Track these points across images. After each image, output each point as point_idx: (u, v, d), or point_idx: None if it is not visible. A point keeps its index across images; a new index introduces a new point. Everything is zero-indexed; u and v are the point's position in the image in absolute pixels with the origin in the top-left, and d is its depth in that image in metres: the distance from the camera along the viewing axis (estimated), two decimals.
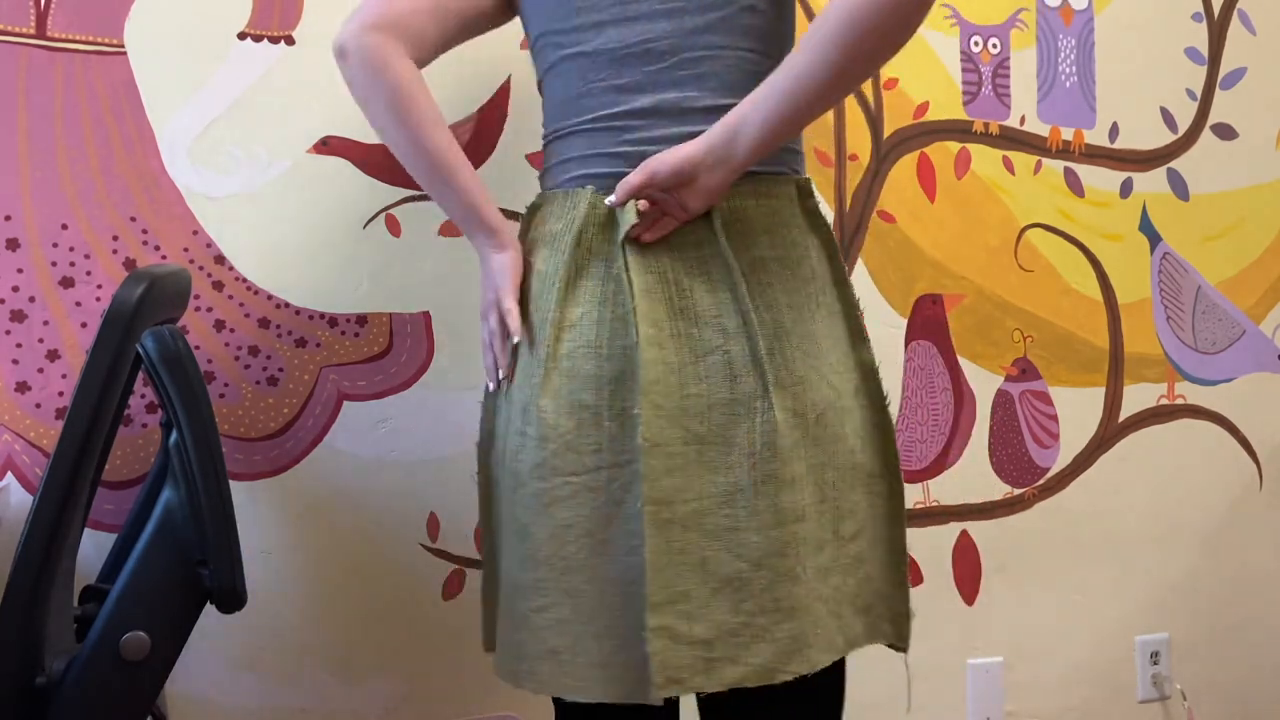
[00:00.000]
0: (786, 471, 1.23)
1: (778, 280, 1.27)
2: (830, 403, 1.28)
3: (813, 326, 1.28)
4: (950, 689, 2.09)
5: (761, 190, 1.28)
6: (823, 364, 1.28)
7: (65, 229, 1.57)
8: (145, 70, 1.61)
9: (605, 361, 1.24)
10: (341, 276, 1.70)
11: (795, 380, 1.25)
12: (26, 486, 1.55)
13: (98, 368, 1.15)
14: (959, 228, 2.08)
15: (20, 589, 1.12)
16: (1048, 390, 2.16)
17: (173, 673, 1.21)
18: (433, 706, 1.73)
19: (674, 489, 1.22)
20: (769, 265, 1.27)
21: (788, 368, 1.25)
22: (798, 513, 1.23)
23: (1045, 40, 2.15)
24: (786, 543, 1.22)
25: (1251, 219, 2.33)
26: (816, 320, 1.29)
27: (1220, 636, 2.30)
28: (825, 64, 1.18)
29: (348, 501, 1.70)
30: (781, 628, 1.22)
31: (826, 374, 1.28)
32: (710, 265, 1.26)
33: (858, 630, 1.32)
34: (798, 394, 1.25)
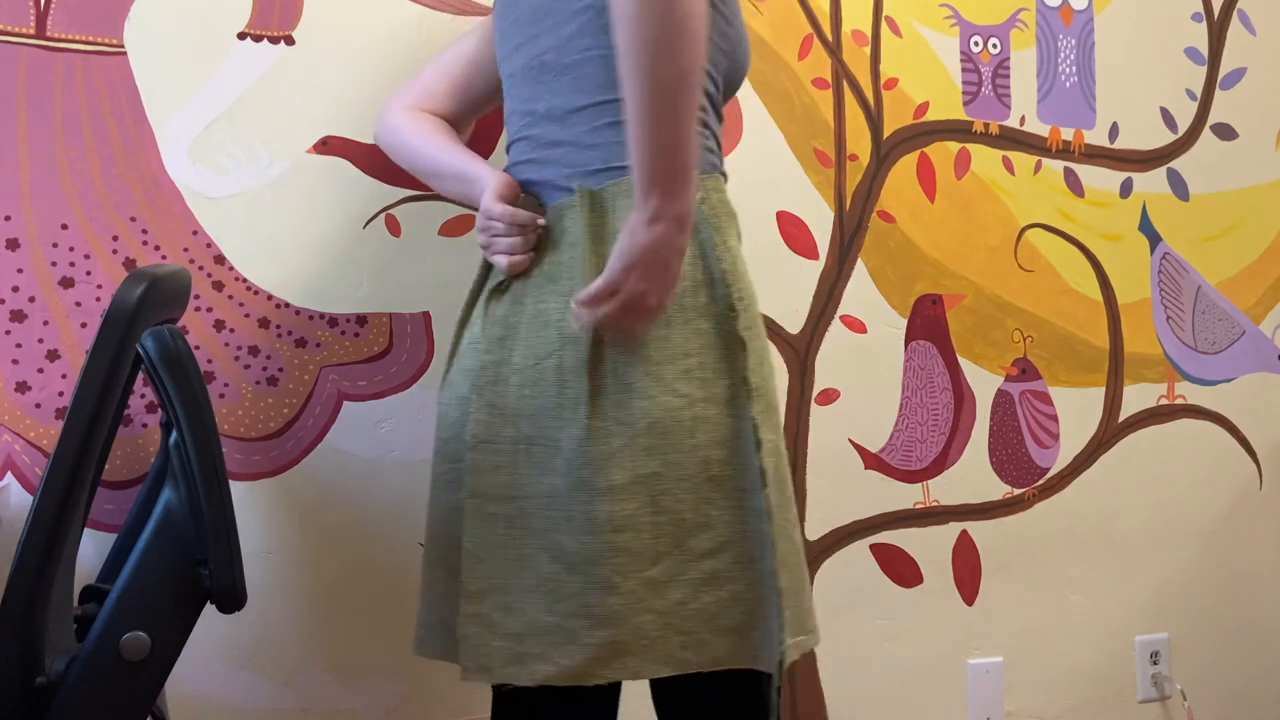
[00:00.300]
0: (602, 479, 1.23)
1: None
2: (671, 411, 1.25)
3: (664, 331, 1.26)
4: (950, 689, 2.09)
5: (623, 191, 1.29)
6: (668, 370, 1.25)
7: (65, 229, 1.57)
8: (145, 70, 1.61)
9: (484, 355, 1.32)
10: (341, 276, 1.70)
11: (622, 387, 1.25)
12: (26, 486, 1.55)
13: (97, 368, 1.15)
14: (959, 228, 2.08)
15: (20, 589, 1.11)
16: (1048, 390, 2.16)
17: (173, 673, 1.21)
18: (433, 706, 1.73)
19: (499, 485, 1.29)
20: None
21: (616, 374, 1.25)
22: (616, 522, 1.23)
23: (1045, 40, 2.16)
24: (601, 551, 1.23)
25: (1251, 219, 2.33)
26: (672, 325, 1.26)
27: (1220, 636, 2.30)
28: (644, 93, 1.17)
29: (348, 501, 1.70)
30: (594, 634, 1.23)
31: (672, 381, 1.25)
32: (568, 269, 1.30)
33: (719, 650, 1.27)
34: (622, 401, 1.24)
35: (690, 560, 1.25)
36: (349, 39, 1.70)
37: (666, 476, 1.24)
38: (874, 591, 2.03)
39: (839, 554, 2.00)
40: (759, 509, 1.25)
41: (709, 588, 1.25)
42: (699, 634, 1.25)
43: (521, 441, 1.28)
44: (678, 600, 1.24)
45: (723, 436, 1.26)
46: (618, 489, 1.23)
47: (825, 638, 1.97)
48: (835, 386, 2.00)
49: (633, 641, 1.23)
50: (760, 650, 1.27)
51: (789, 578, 1.27)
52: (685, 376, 1.25)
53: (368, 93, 1.71)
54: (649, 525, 1.24)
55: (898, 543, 2.04)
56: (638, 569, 1.23)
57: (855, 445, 2.02)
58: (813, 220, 1.99)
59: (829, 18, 1.99)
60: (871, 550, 2.03)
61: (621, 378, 1.25)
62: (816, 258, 1.99)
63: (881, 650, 2.04)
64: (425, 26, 1.74)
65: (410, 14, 1.73)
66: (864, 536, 2.02)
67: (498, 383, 1.30)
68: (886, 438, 2.04)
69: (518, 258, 1.32)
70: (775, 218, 1.96)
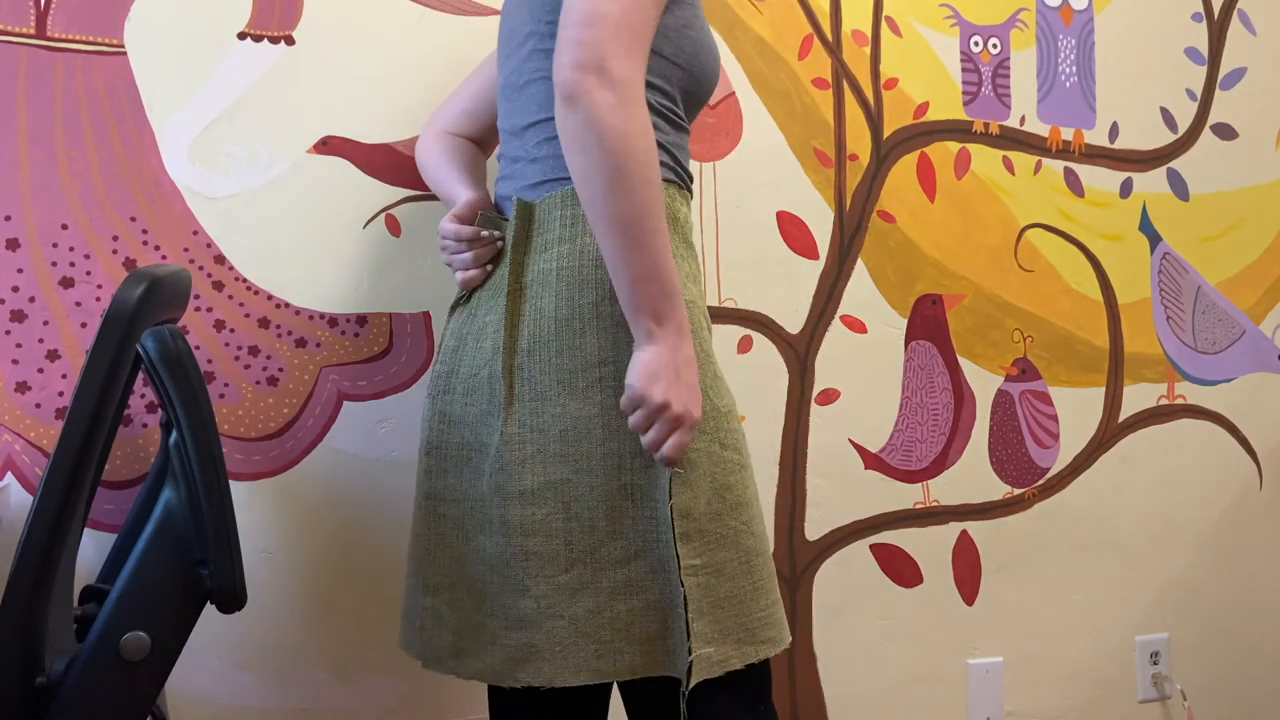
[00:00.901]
0: (514, 484, 1.26)
1: (558, 292, 1.29)
2: (582, 419, 1.26)
3: (579, 339, 1.28)
4: (950, 689, 2.09)
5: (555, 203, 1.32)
6: (582, 378, 1.27)
7: (65, 229, 1.57)
8: (145, 70, 1.61)
9: (439, 366, 1.39)
10: (341, 276, 1.70)
11: (536, 394, 1.27)
12: (26, 486, 1.55)
13: (97, 368, 1.15)
14: (959, 228, 2.08)
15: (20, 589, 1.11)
16: (1048, 390, 2.16)
17: (173, 673, 1.21)
18: (432, 706, 1.73)
19: (446, 489, 1.35)
20: (551, 277, 1.30)
21: (532, 381, 1.27)
22: (527, 527, 1.26)
23: (1045, 40, 2.16)
24: (514, 554, 1.27)
25: (1251, 219, 2.33)
26: (587, 333, 1.28)
27: (1220, 636, 2.30)
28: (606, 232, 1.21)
29: (348, 501, 1.70)
30: (511, 635, 1.27)
31: (585, 389, 1.27)
32: (501, 280, 1.34)
33: (634, 659, 1.26)
34: (536, 408, 1.27)
35: (602, 568, 1.25)
36: (349, 39, 1.70)
37: (578, 484, 1.25)
38: (874, 591, 2.03)
39: (839, 554, 2.00)
40: (667, 518, 1.24)
41: (622, 596, 1.25)
42: (613, 643, 1.25)
43: (465, 448, 1.33)
44: (590, 608, 1.25)
45: (635, 446, 1.25)
46: (529, 494, 1.26)
47: (825, 638, 1.98)
48: (835, 386, 2.00)
49: (546, 646, 1.25)
50: (675, 658, 1.26)
51: (729, 586, 1.26)
52: (599, 385, 1.26)
53: (368, 93, 1.71)
54: (561, 531, 1.25)
55: (898, 543, 2.05)
56: (549, 574, 1.25)
57: (855, 445, 2.02)
58: (813, 220, 1.99)
59: (829, 18, 1.99)
60: (871, 550, 2.03)
61: (536, 385, 1.27)
62: (816, 258, 1.99)
63: (881, 650, 2.04)
64: (425, 26, 1.74)
65: (410, 14, 1.73)
66: (864, 536, 2.02)
67: (448, 392, 1.36)
68: (886, 438, 2.04)
69: (470, 273, 1.38)
70: (775, 218, 1.96)
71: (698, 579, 1.24)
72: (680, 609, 1.24)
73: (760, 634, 1.30)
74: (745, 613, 1.28)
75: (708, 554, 1.26)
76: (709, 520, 1.26)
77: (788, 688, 1.97)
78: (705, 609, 1.24)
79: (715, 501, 1.27)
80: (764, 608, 1.30)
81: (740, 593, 1.28)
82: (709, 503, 1.27)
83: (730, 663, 1.25)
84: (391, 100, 1.72)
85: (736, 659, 1.26)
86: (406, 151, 1.73)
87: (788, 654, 1.97)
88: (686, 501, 1.25)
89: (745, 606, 1.28)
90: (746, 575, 1.29)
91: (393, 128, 1.72)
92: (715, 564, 1.26)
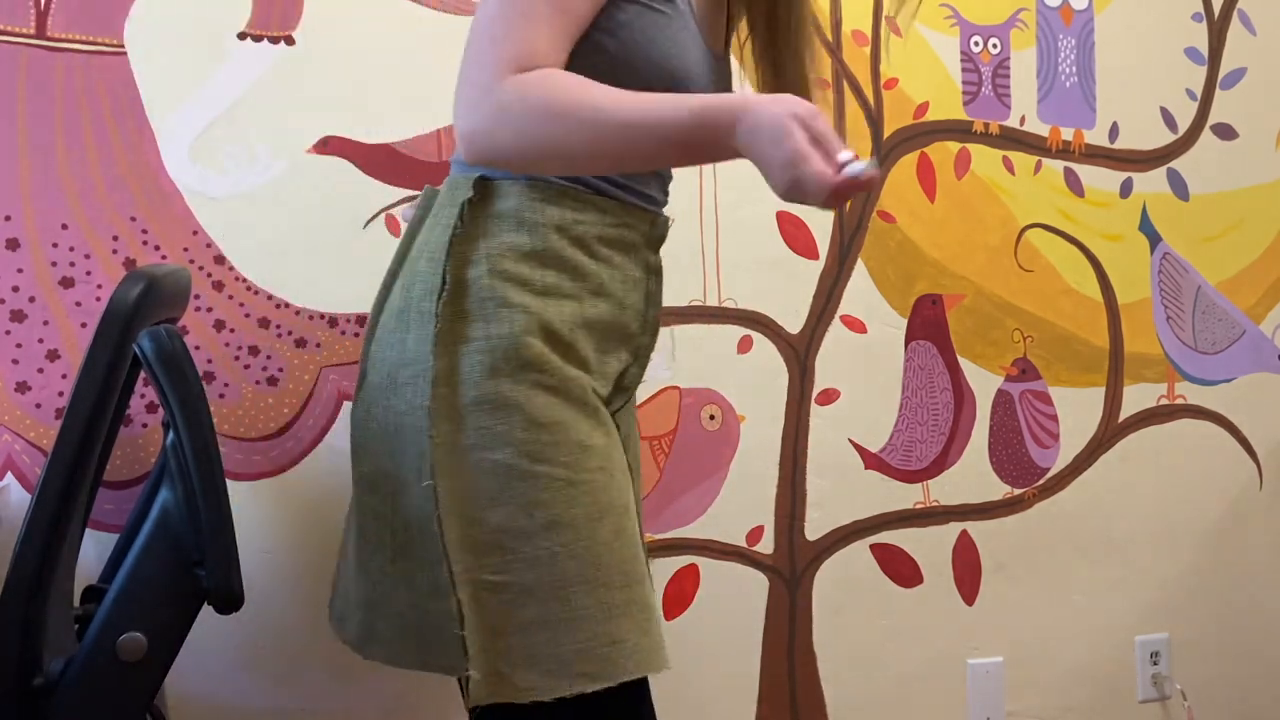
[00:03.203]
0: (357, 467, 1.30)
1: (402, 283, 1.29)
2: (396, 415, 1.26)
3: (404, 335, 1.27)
4: (950, 689, 2.09)
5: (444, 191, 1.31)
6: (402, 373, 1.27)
7: (65, 229, 1.57)
8: (145, 70, 1.61)
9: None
10: (341, 276, 1.70)
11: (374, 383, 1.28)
12: (26, 486, 1.55)
13: (95, 367, 1.15)
14: (959, 228, 2.08)
15: (17, 589, 1.11)
16: (1048, 390, 2.16)
17: (172, 672, 1.21)
18: (432, 706, 1.73)
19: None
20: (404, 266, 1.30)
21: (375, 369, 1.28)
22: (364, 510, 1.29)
23: (1045, 40, 2.15)
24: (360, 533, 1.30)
25: (1251, 219, 2.33)
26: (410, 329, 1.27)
27: (1220, 636, 2.30)
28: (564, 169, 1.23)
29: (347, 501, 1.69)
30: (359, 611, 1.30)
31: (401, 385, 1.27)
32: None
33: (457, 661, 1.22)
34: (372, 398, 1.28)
35: (418, 566, 1.23)
36: (349, 39, 1.70)
37: (399, 479, 1.24)
38: (874, 591, 2.03)
39: (839, 554, 2.00)
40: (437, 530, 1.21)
41: (434, 597, 1.21)
42: (434, 644, 1.22)
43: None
44: (410, 603, 1.24)
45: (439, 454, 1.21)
46: (364, 479, 1.28)
47: (825, 638, 1.98)
48: (835, 386, 2.00)
49: (383, 630, 1.27)
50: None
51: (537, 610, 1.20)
52: (412, 383, 1.23)
53: (368, 93, 1.71)
54: (389, 521, 1.25)
55: (898, 543, 2.04)
56: (379, 562, 1.26)
57: (855, 445, 2.02)
58: (813, 220, 1.99)
59: (829, 18, 1.99)
60: (871, 550, 2.03)
61: (376, 373, 1.27)
62: (816, 258, 1.99)
63: (881, 650, 2.04)
64: (425, 26, 1.74)
65: (410, 14, 1.73)
66: (864, 536, 2.02)
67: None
68: (886, 438, 2.04)
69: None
70: (775, 218, 1.96)
71: (500, 596, 1.20)
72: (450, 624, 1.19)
73: (577, 667, 1.20)
74: (559, 641, 1.20)
75: (512, 573, 1.20)
76: (513, 538, 1.20)
77: (788, 688, 1.97)
78: (509, 629, 1.19)
79: (519, 519, 1.20)
80: (583, 640, 1.21)
81: (553, 618, 1.20)
82: (510, 518, 1.20)
83: (538, 692, 1.19)
84: (391, 100, 1.72)
85: (547, 690, 1.19)
86: (406, 151, 1.73)
87: (788, 654, 1.97)
88: (475, 511, 1.20)
89: (557, 635, 1.20)
90: (559, 602, 1.20)
91: (393, 128, 1.72)
92: (520, 584, 1.20)
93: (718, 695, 1.92)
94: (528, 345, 1.23)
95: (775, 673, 1.96)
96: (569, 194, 1.27)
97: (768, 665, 1.96)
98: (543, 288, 1.26)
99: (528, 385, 1.22)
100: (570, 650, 1.20)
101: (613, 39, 1.24)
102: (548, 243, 1.26)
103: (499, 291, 1.23)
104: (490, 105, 1.14)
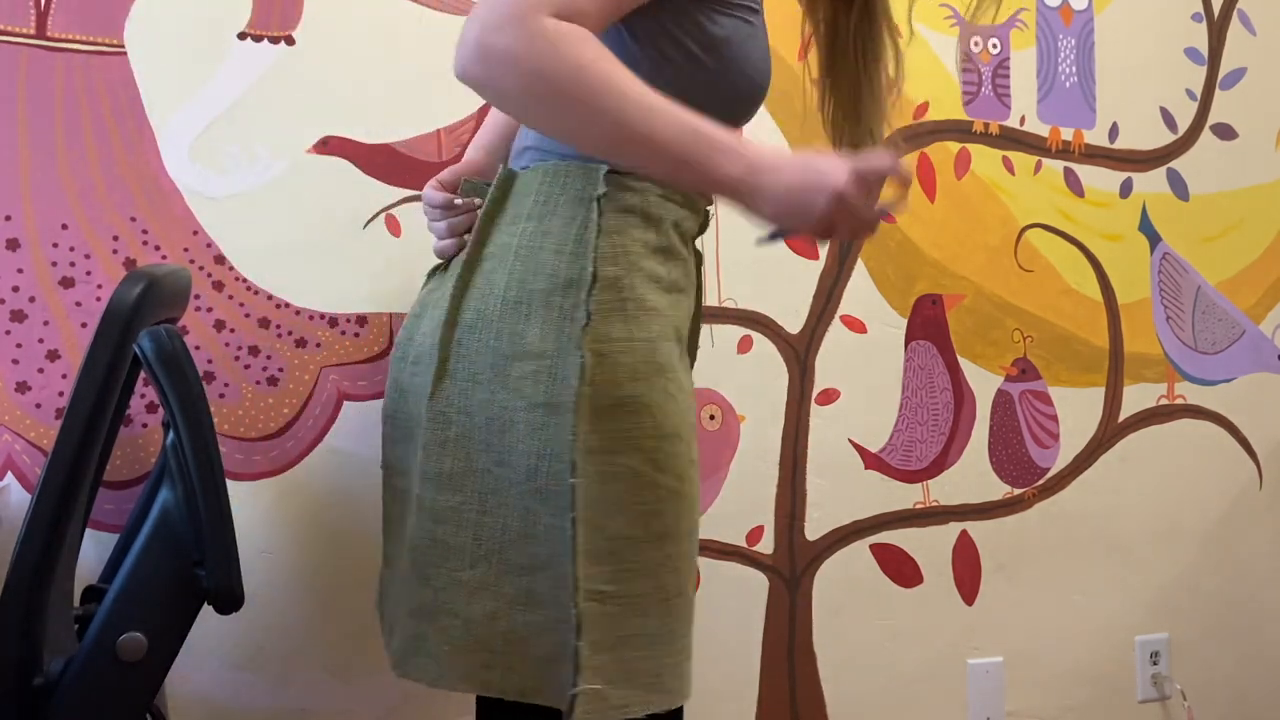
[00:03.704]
0: (432, 465, 1.19)
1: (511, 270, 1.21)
2: (509, 410, 1.17)
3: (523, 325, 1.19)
4: (950, 689, 2.09)
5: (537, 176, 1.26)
6: (516, 367, 1.18)
7: (65, 229, 1.57)
8: (145, 70, 1.61)
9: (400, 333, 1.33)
10: (341, 276, 1.70)
11: (470, 375, 1.19)
12: (26, 486, 1.55)
13: (95, 367, 1.15)
14: (959, 228, 2.08)
15: (17, 589, 1.11)
16: (1048, 390, 2.16)
17: (173, 672, 1.21)
18: (433, 707, 1.73)
19: (396, 459, 1.30)
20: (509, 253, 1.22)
21: (468, 360, 1.19)
22: (437, 512, 1.19)
23: (1045, 40, 2.15)
24: (423, 539, 1.20)
25: (1251, 219, 2.33)
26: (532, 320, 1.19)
27: (1220, 636, 2.30)
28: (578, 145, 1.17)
29: (348, 501, 1.70)
30: (408, 622, 1.21)
31: (517, 379, 1.17)
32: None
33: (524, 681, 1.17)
34: (468, 390, 1.19)
35: (507, 572, 1.16)
36: (349, 39, 1.70)
37: (498, 477, 1.17)
38: (874, 591, 2.03)
39: (839, 554, 2.00)
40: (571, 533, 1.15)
41: (522, 607, 1.16)
42: (506, 656, 1.17)
43: (410, 420, 1.26)
44: (487, 612, 1.16)
45: (552, 448, 1.15)
46: (445, 478, 1.18)
47: (825, 638, 1.98)
48: (835, 386, 2.00)
49: (435, 643, 1.18)
50: (564, 690, 1.15)
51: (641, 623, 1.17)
52: (531, 378, 1.16)
53: (368, 93, 1.71)
54: (472, 523, 1.17)
55: (898, 543, 2.04)
56: (452, 566, 1.17)
57: (855, 445, 2.02)
58: None
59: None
60: (871, 550, 2.03)
61: (471, 365, 1.18)
62: (816, 258, 1.99)
63: (881, 650, 2.04)
64: (425, 26, 1.74)
65: (410, 14, 1.73)
66: (864, 536, 2.02)
67: (403, 359, 1.28)
68: (886, 438, 2.04)
69: (444, 243, 1.33)
70: None
71: (605, 608, 1.15)
72: (571, 635, 1.13)
73: (667, 682, 1.19)
74: (655, 656, 1.18)
75: (621, 583, 1.16)
76: (627, 546, 1.16)
77: (788, 688, 1.97)
78: (610, 643, 1.14)
79: (635, 527, 1.17)
80: (674, 654, 1.20)
81: (652, 633, 1.18)
82: (629, 526, 1.16)
83: (631, 709, 1.15)
84: (391, 100, 1.72)
85: (639, 705, 1.16)
86: (406, 151, 1.73)
87: (788, 654, 1.97)
88: (599, 517, 1.15)
89: (656, 649, 1.18)
90: (663, 616, 1.19)
91: (393, 128, 1.72)
92: (627, 595, 1.16)
93: (718, 695, 1.92)
94: (663, 350, 1.20)
95: (775, 673, 1.96)
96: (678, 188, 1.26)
97: (768, 665, 1.96)
98: (669, 285, 1.24)
99: (660, 391, 1.19)
100: (664, 664, 1.19)
101: (712, 55, 1.21)
102: (669, 239, 1.25)
103: (639, 291, 1.20)
104: (520, 30, 1.05)
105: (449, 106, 1.75)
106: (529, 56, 1.05)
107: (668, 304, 1.23)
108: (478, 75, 1.09)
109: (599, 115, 1.07)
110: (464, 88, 1.73)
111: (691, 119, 1.09)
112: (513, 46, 1.05)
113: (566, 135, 1.16)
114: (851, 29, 1.36)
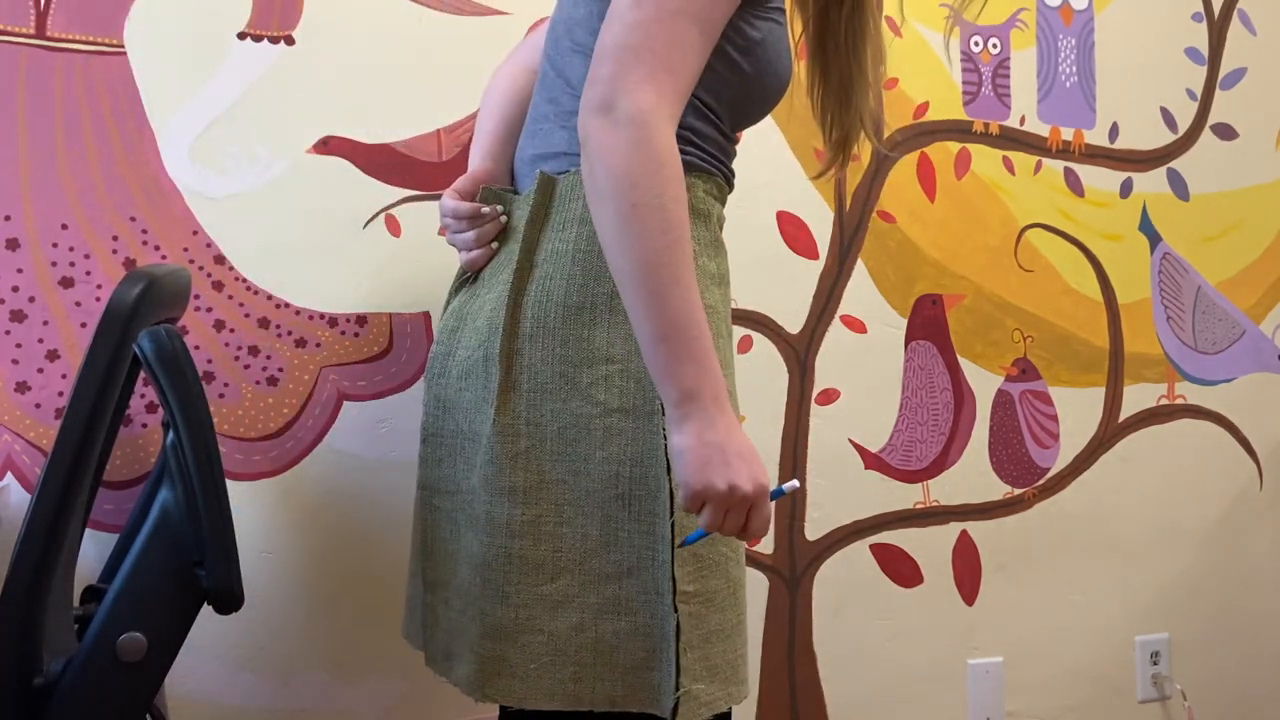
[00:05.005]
0: (504, 480, 1.16)
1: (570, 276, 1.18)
2: (582, 417, 1.15)
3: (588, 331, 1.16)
4: (950, 689, 2.09)
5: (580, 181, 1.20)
6: (586, 374, 1.15)
7: (65, 229, 1.57)
8: (145, 70, 1.61)
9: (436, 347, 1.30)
10: (341, 276, 1.70)
11: (537, 385, 1.16)
12: (26, 486, 1.55)
13: (94, 367, 1.15)
14: (959, 228, 2.08)
15: (17, 589, 1.11)
16: (1048, 390, 2.16)
17: (172, 673, 1.21)
18: (432, 706, 1.73)
19: (441, 479, 1.27)
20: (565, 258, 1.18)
21: (532, 370, 1.17)
22: (514, 527, 1.15)
23: (1045, 40, 2.15)
24: (496, 556, 1.16)
25: (1251, 219, 2.33)
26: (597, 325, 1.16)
27: (1220, 636, 2.30)
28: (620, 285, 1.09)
29: (348, 501, 1.70)
30: (484, 645, 1.17)
31: (588, 386, 1.15)
32: (509, 257, 1.22)
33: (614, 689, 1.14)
34: (535, 401, 1.16)
35: (591, 582, 1.14)
36: (349, 39, 1.70)
37: (574, 487, 1.15)
38: (874, 591, 2.03)
39: (839, 554, 2.00)
40: (666, 536, 1.13)
41: (609, 616, 1.14)
42: (594, 667, 1.14)
43: (459, 436, 1.24)
44: (573, 625, 1.14)
45: (636, 453, 1.14)
46: (519, 491, 1.15)
47: (825, 638, 1.98)
48: (835, 386, 2.00)
49: (519, 662, 1.15)
50: (660, 695, 1.14)
51: (718, 618, 1.16)
52: (604, 383, 1.15)
53: (368, 93, 1.71)
54: (550, 536, 1.15)
55: (898, 543, 2.04)
56: (532, 581, 1.15)
57: (855, 445, 2.02)
58: (813, 220, 1.99)
59: None
60: (871, 550, 2.03)
61: (536, 375, 1.16)
62: (816, 258, 1.99)
63: (881, 650, 2.04)
64: (425, 26, 1.74)
65: (410, 14, 1.73)
66: (864, 536, 2.02)
67: (444, 375, 1.26)
68: (886, 438, 2.04)
69: (474, 254, 1.27)
70: (775, 218, 1.96)
71: (690, 607, 1.13)
72: (670, 638, 1.12)
73: (740, 673, 1.19)
74: (731, 649, 1.18)
75: (700, 580, 1.15)
76: (704, 543, 1.15)
77: (788, 688, 1.97)
78: (695, 642, 1.14)
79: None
80: (741, 645, 1.20)
81: (727, 627, 1.18)
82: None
83: (717, 704, 1.14)
84: (391, 100, 1.72)
85: (723, 700, 1.15)
86: (406, 151, 1.73)
87: (788, 654, 1.97)
88: (682, 517, 1.13)
89: (731, 642, 1.18)
90: (733, 608, 1.19)
91: (393, 128, 1.72)
92: (706, 592, 1.15)
93: None
94: (721, 350, 1.18)
95: (775, 672, 1.96)
96: (716, 181, 1.26)
97: (768, 665, 1.96)
98: (719, 278, 1.24)
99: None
100: (738, 656, 1.19)
101: (749, 59, 1.21)
102: (716, 232, 1.25)
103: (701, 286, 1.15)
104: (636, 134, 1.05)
105: (449, 106, 1.75)
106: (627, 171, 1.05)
107: (720, 300, 1.24)
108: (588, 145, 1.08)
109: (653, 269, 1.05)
110: (463, 87, 1.74)
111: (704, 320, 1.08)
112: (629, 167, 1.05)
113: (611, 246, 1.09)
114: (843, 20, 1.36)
